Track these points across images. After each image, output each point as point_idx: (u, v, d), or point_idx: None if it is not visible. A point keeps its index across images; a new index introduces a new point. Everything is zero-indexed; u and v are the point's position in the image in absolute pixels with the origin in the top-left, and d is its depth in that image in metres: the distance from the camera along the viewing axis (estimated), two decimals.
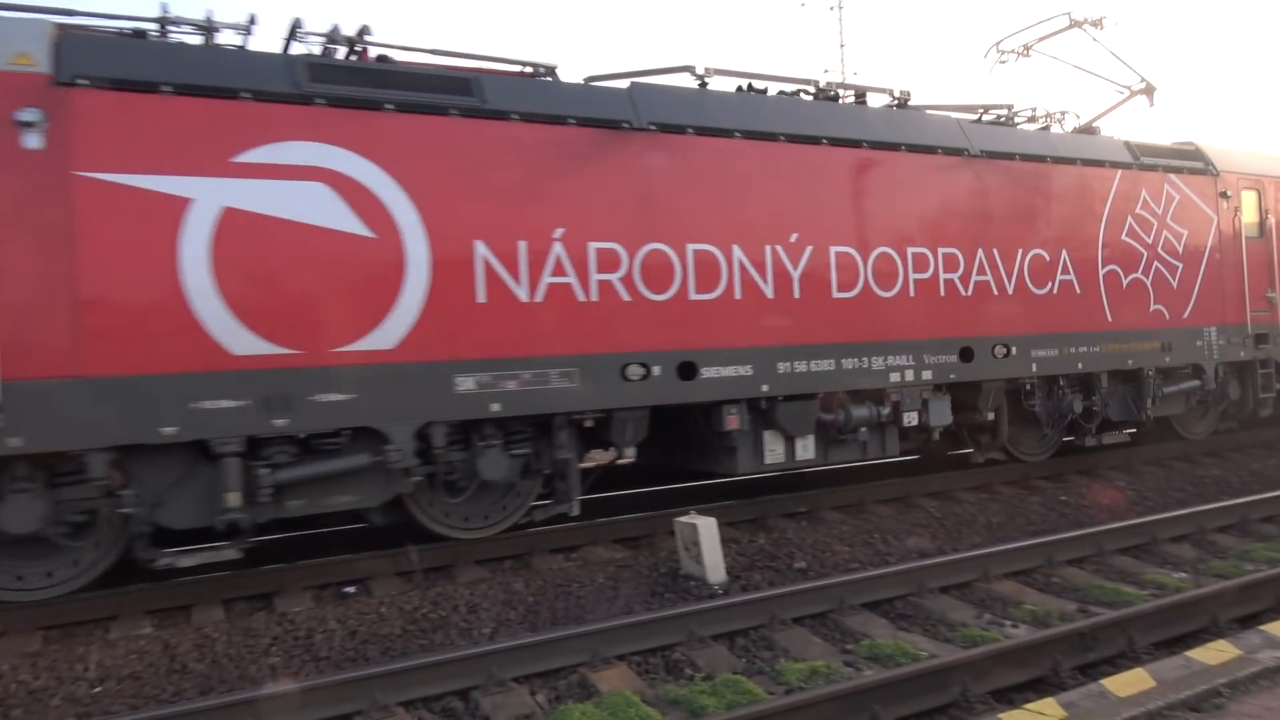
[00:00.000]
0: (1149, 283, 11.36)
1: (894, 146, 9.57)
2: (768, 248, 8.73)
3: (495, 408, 7.44)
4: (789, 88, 9.71)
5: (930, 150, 9.80)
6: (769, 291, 8.72)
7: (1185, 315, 11.69)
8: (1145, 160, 11.53)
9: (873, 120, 9.64)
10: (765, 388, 8.65)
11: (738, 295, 8.56)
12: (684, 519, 7.53)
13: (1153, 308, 11.40)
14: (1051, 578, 7.39)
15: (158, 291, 6.40)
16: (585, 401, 7.81)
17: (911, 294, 9.53)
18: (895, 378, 9.39)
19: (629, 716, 4.83)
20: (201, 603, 6.94)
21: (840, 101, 9.86)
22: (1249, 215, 12.57)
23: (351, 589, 7.32)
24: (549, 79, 8.28)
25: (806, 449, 9.16)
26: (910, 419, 9.53)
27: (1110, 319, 10.99)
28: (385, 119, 7.22)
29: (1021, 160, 10.44)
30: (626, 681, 5.35)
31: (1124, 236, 11.18)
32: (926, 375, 9.59)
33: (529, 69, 8.44)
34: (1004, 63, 12.82)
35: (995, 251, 10.11)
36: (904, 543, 8.53)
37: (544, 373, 7.65)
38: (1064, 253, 10.64)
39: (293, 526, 8.28)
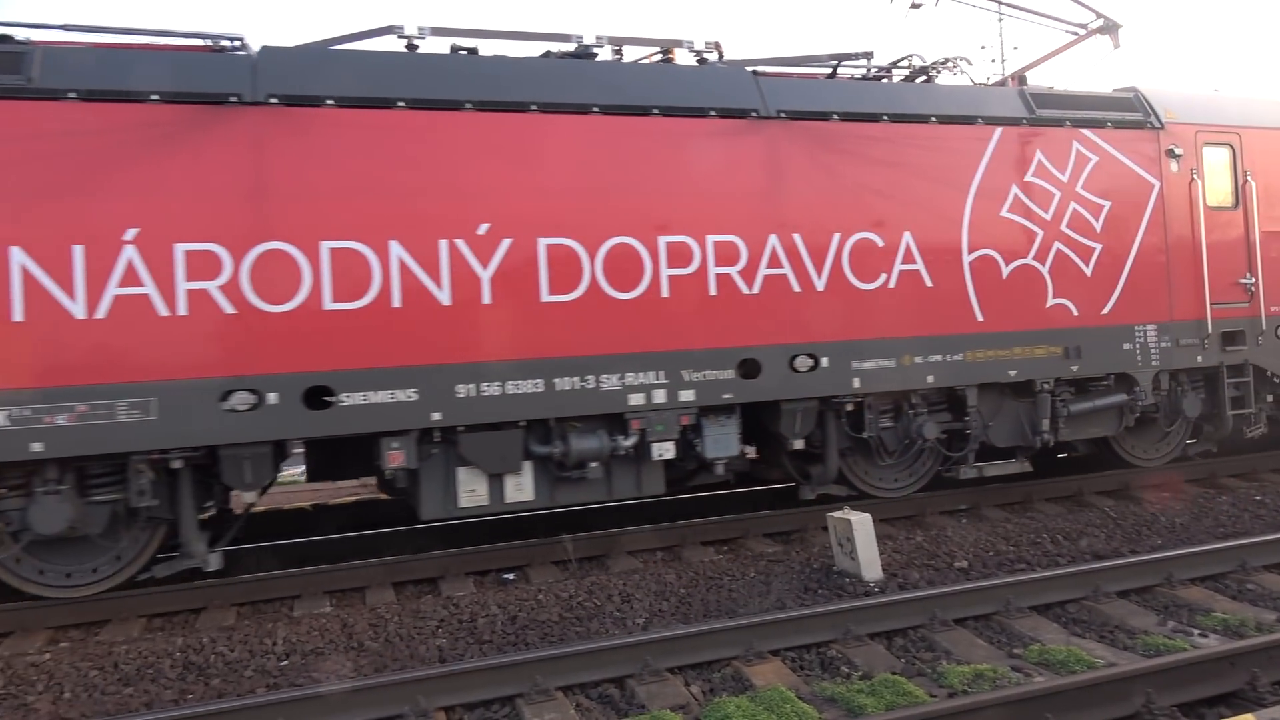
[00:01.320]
0: (1045, 271, 8.85)
1: (644, 110, 7.65)
2: (443, 243, 7.06)
3: (36, 447, 6.18)
4: (555, 48, 7.98)
5: (699, 113, 7.80)
6: (444, 297, 7.05)
7: (1105, 311, 9.08)
8: (1045, 114, 8.99)
9: (615, 79, 7.74)
10: (437, 416, 7.00)
11: (396, 303, 6.94)
12: (838, 514, 7.32)
13: (1051, 302, 8.88)
14: (1246, 584, 6.74)
15: None
16: (167, 438, 6.43)
17: (665, 294, 7.61)
18: (638, 400, 7.51)
19: (785, 712, 4.75)
20: (374, 585, 7.37)
21: (597, 59, 8.01)
22: (1216, 178, 9.72)
23: (510, 576, 7.62)
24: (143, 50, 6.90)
25: (522, 489, 7.46)
26: (663, 451, 7.61)
27: (981, 318, 8.60)
28: None
29: (841, 120, 8.23)
30: (781, 677, 5.30)
31: (1006, 212, 8.73)
32: (687, 396, 7.64)
33: (208, 41, 7.14)
34: (918, 6, 10.49)
35: (797, 238, 7.99)
36: (1076, 544, 7.97)
37: (108, 404, 6.32)
38: (907, 236, 8.36)
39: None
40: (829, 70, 9.06)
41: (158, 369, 6.41)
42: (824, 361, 8.05)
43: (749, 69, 8.36)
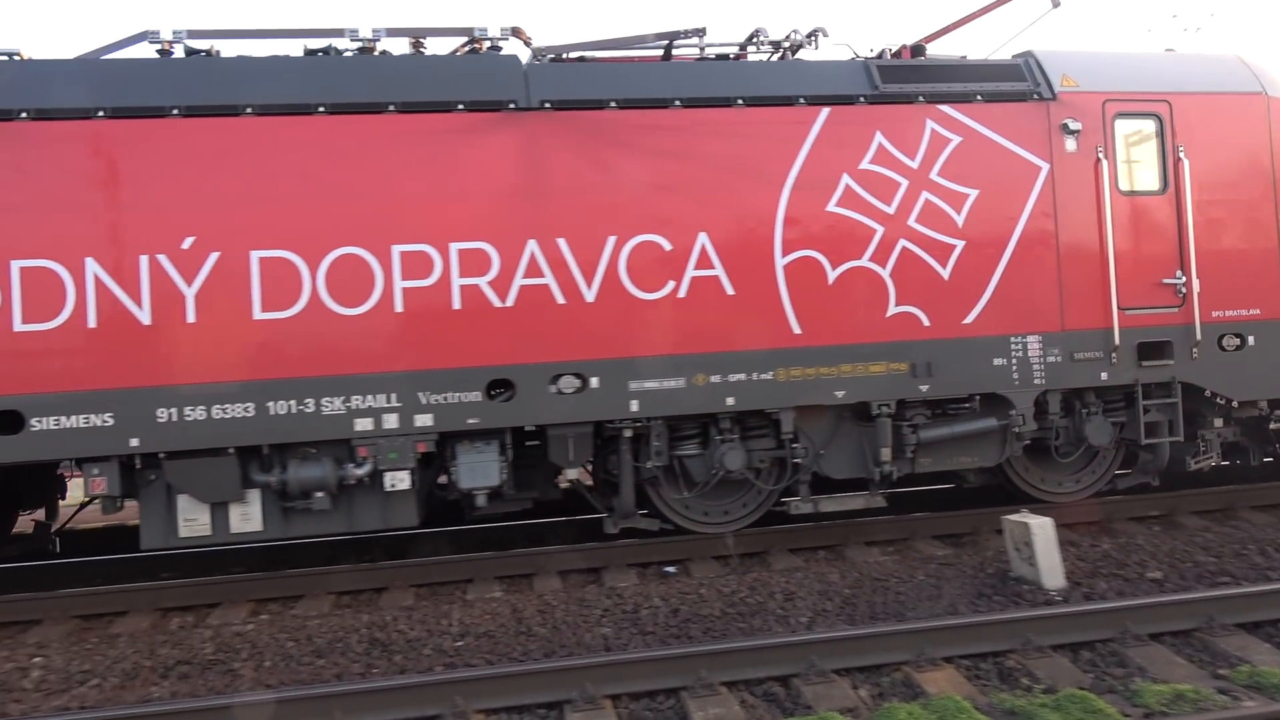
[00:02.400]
0: (886, 274, 7.54)
1: (377, 108, 6.99)
2: (144, 258, 6.67)
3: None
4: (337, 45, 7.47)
5: (444, 107, 7.06)
6: (144, 316, 6.67)
7: (968, 320, 7.66)
8: (891, 89, 7.65)
9: (343, 76, 7.10)
10: (135, 442, 6.63)
11: (91, 323, 6.61)
12: (1015, 517, 6.94)
13: (894, 310, 7.56)
14: None
15: None
16: None
17: (399, 309, 6.93)
18: (365, 425, 6.88)
19: None
20: (542, 572, 7.56)
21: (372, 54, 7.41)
22: (1136, 156, 8.03)
23: (672, 569, 7.62)
24: None
25: (249, 519, 6.99)
26: (396, 481, 6.94)
27: (799, 330, 7.41)
28: None
29: (620, 108, 7.26)
30: (955, 685, 5.13)
31: (834, 206, 7.49)
32: (424, 421, 6.94)
33: None
34: None
35: (562, 243, 7.12)
36: None
37: None
38: (703, 237, 7.30)
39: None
40: (661, 52, 8.08)
41: None
42: (594, 382, 7.14)
43: (541, 55, 7.53)
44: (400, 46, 7.78)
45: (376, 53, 7.45)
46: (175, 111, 6.77)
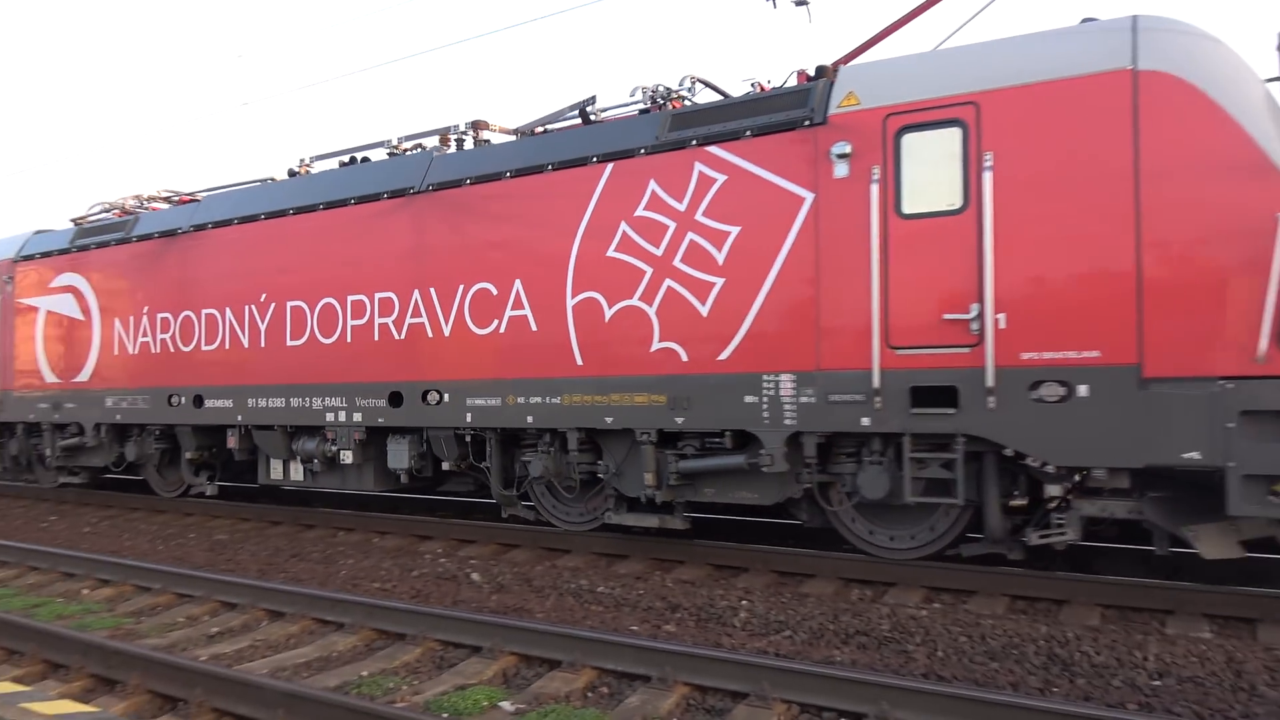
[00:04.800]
0: (652, 312, 8.07)
1: (343, 203, 10.22)
2: (248, 307, 11.05)
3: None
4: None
5: (375, 198, 9.96)
6: (245, 340, 11.05)
7: (723, 356, 7.71)
8: (670, 136, 8.07)
9: (333, 185, 10.41)
10: (240, 418, 11.07)
11: (227, 346, 11.23)
12: None
13: (657, 346, 8.04)
14: None
15: None
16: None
17: (349, 340, 10.10)
18: (331, 417, 10.24)
19: None
20: (1266, 619, 6.34)
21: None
22: (927, 172, 6.94)
23: None
24: None
25: (296, 472, 10.96)
26: (345, 456, 10.13)
27: (581, 362, 8.47)
28: None
29: (473, 184, 9.23)
30: None
31: (612, 251, 8.31)
32: (357, 417, 10.02)
33: None
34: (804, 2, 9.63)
35: (433, 291, 9.46)
36: None
37: None
38: (518, 284, 8.87)
39: None
40: (579, 119, 9.68)
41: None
42: (445, 397, 9.33)
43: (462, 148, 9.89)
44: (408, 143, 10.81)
45: (395, 152, 10.63)
46: (262, 217, 10.97)
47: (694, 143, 7.94)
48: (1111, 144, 6.33)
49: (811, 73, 7.85)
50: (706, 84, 9.03)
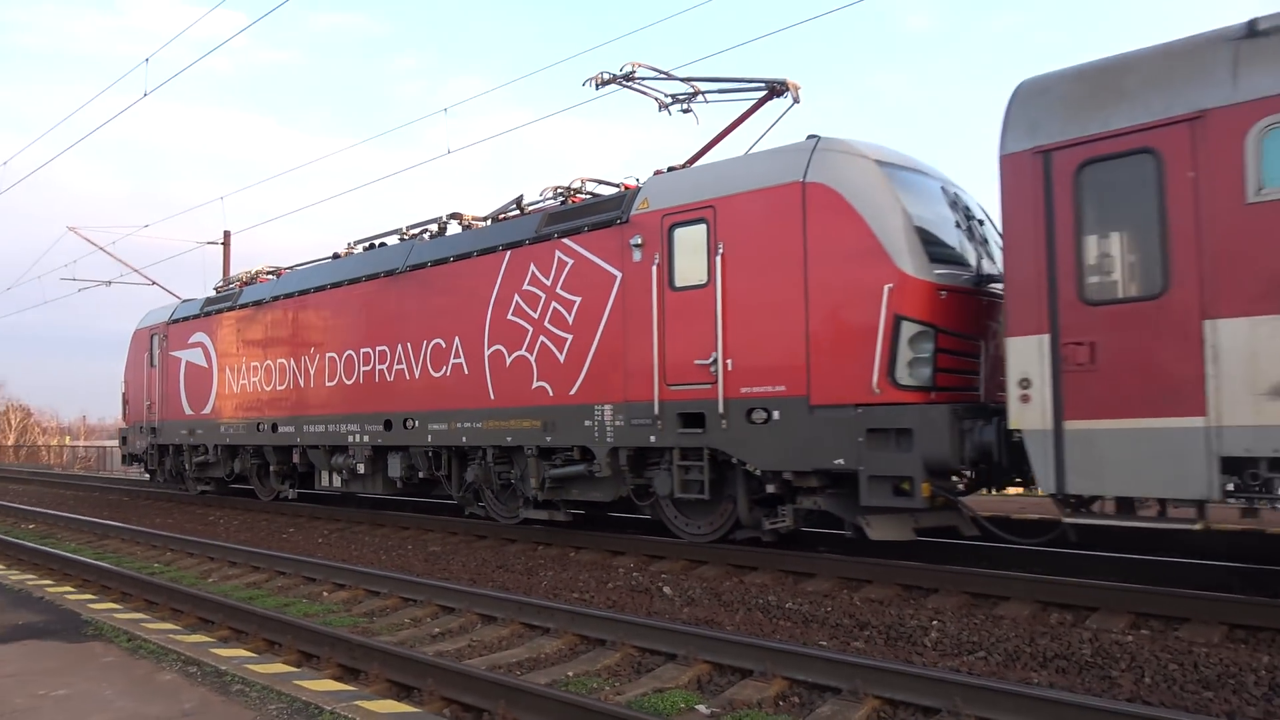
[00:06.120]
0: (533, 359, 11.01)
1: (353, 281, 13.83)
2: (303, 358, 14.86)
3: None
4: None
5: (375, 275, 13.48)
6: (302, 382, 14.85)
7: (573, 391, 10.53)
8: (544, 230, 11.02)
9: (349, 267, 14.02)
10: (298, 440, 14.87)
11: (290, 387, 15.09)
12: None
13: (535, 385, 10.96)
14: None
15: None
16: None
17: (361, 381, 13.64)
18: (350, 439, 13.81)
19: None
20: None
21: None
22: (688, 258, 9.51)
23: None
24: None
25: (335, 480, 14.61)
26: (361, 469, 13.64)
27: (493, 396, 11.51)
28: None
29: (433, 265, 12.52)
30: None
31: (510, 315, 11.33)
32: (365, 439, 13.52)
33: None
34: (604, 85, 11.99)
35: (408, 345, 12.82)
36: None
37: None
38: (457, 339, 12.06)
39: None
40: (516, 211, 12.81)
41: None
42: (417, 423, 12.63)
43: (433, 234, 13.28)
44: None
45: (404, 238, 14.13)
46: (329, 286, 14.77)
47: (556, 235, 10.86)
48: (791, 236, 8.72)
49: (634, 182, 10.60)
50: (598, 181, 11.91)
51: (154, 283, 27.34)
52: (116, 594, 9.48)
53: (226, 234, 29.13)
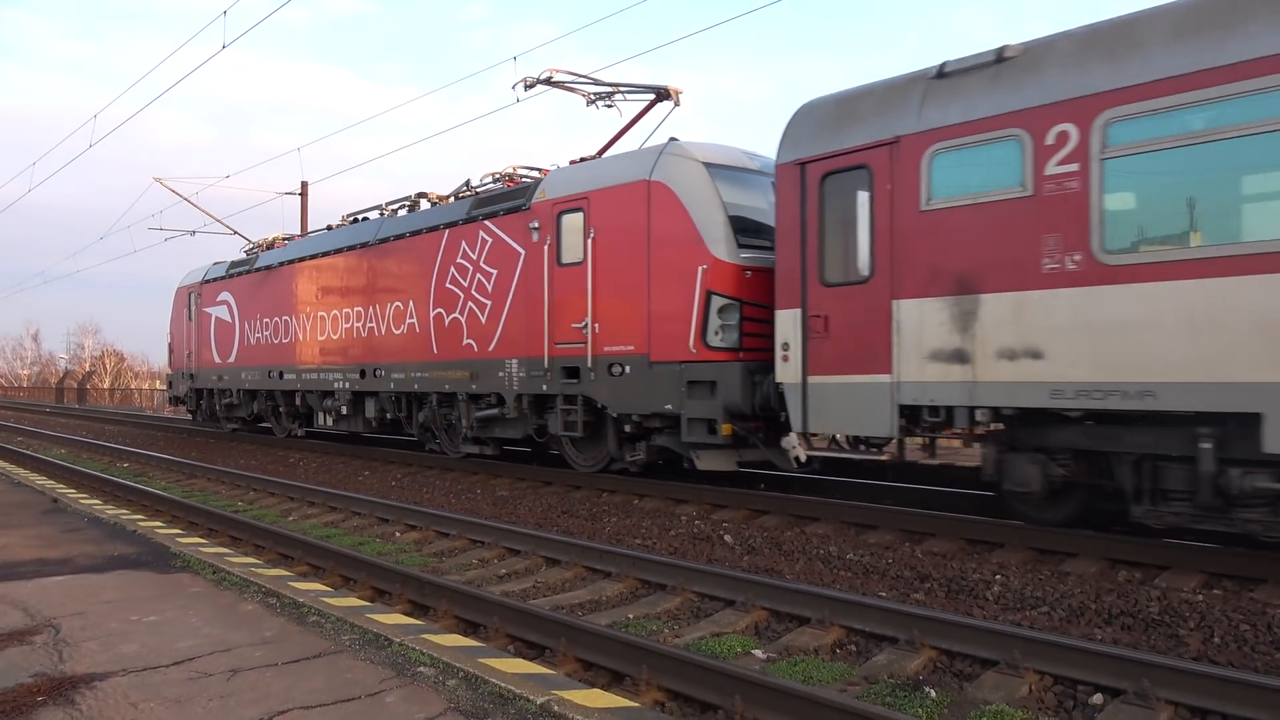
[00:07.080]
0: (464, 321, 13.27)
1: (338, 250, 16.24)
2: (301, 315, 17.42)
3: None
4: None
5: (353, 247, 15.88)
6: (301, 335, 17.44)
7: (490, 348, 12.77)
8: (474, 213, 13.19)
9: (328, 239, 16.43)
10: (299, 386, 17.50)
11: (292, 339, 17.71)
12: None
13: (465, 341, 13.24)
14: None
15: None
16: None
17: (343, 337, 16.14)
18: (334, 385, 16.36)
19: None
20: None
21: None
22: (571, 240, 11.59)
23: None
24: None
25: (327, 420, 17.21)
26: (344, 410, 16.19)
27: (436, 351, 13.84)
28: None
29: (395, 239, 14.84)
30: None
31: (447, 284, 13.59)
32: (346, 385, 16.06)
33: None
34: (530, 87, 13.97)
35: (376, 306, 15.23)
36: None
37: None
38: (411, 303, 14.40)
39: None
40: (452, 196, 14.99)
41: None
42: (382, 373, 15.08)
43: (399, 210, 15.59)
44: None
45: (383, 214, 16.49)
46: (323, 255, 17.27)
47: (480, 218, 13.04)
48: (640, 224, 10.73)
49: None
50: (529, 168, 13.99)
51: (235, 232, 27.63)
52: (203, 530, 9.99)
53: (304, 184, 29.22)
